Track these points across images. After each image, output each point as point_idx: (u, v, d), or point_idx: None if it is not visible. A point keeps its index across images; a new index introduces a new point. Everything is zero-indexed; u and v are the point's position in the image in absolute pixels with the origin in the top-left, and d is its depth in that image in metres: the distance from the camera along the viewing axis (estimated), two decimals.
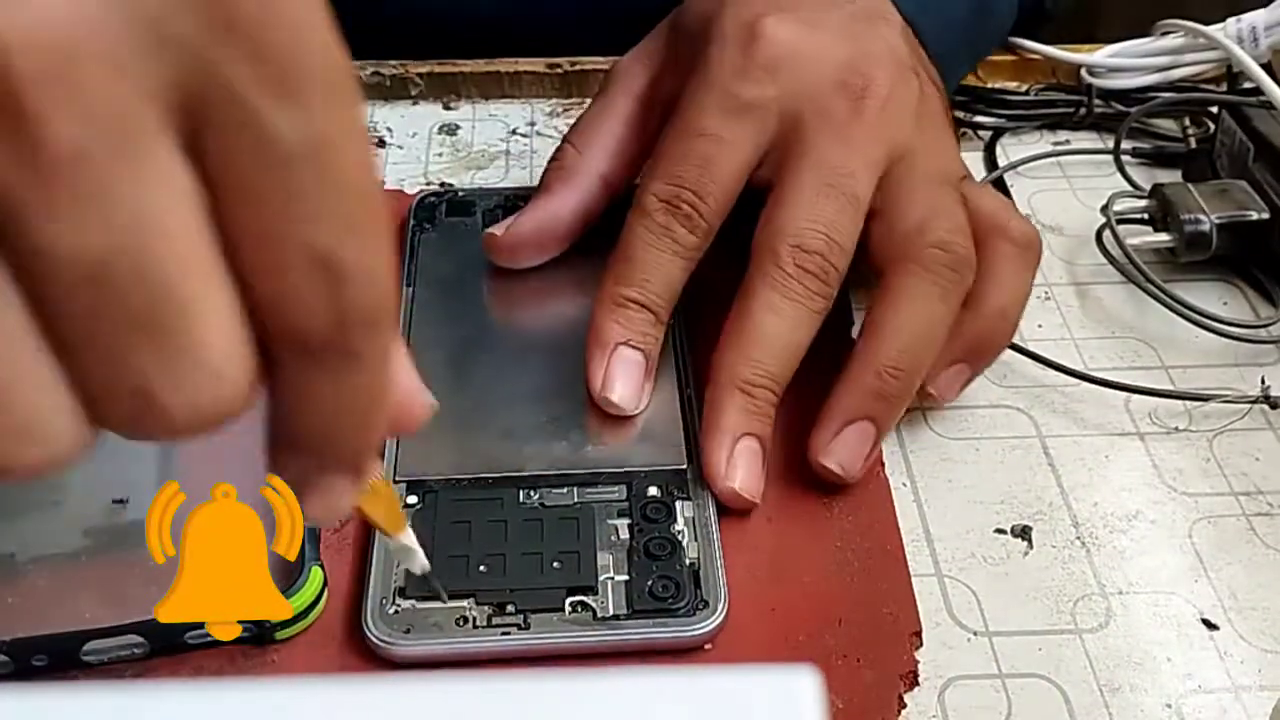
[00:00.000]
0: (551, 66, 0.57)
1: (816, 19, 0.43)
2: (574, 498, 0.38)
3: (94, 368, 0.21)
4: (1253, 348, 0.45)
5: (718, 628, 0.35)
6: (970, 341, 0.41)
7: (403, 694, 0.20)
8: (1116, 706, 0.34)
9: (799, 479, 0.40)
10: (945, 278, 0.40)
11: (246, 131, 0.20)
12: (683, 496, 0.38)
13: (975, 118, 0.56)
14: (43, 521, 0.37)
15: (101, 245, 0.20)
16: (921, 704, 0.34)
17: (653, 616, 0.35)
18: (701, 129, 0.41)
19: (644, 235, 0.41)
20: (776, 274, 0.39)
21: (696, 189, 0.40)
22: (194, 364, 0.21)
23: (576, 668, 0.34)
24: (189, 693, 0.20)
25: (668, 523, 0.37)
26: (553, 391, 0.41)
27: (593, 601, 0.35)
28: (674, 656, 0.34)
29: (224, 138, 0.20)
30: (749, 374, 0.39)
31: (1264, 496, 0.40)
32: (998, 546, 0.38)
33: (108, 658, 0.34)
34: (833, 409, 0.39)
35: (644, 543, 0.36)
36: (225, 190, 0.21)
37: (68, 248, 0.20)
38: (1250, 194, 0.47)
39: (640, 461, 0.39)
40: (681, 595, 0.35)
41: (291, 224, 0.21)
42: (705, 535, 0.37)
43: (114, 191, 0.19)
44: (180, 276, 0.21)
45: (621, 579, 0.35)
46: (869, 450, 0.39)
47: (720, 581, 0.35)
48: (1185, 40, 0.56)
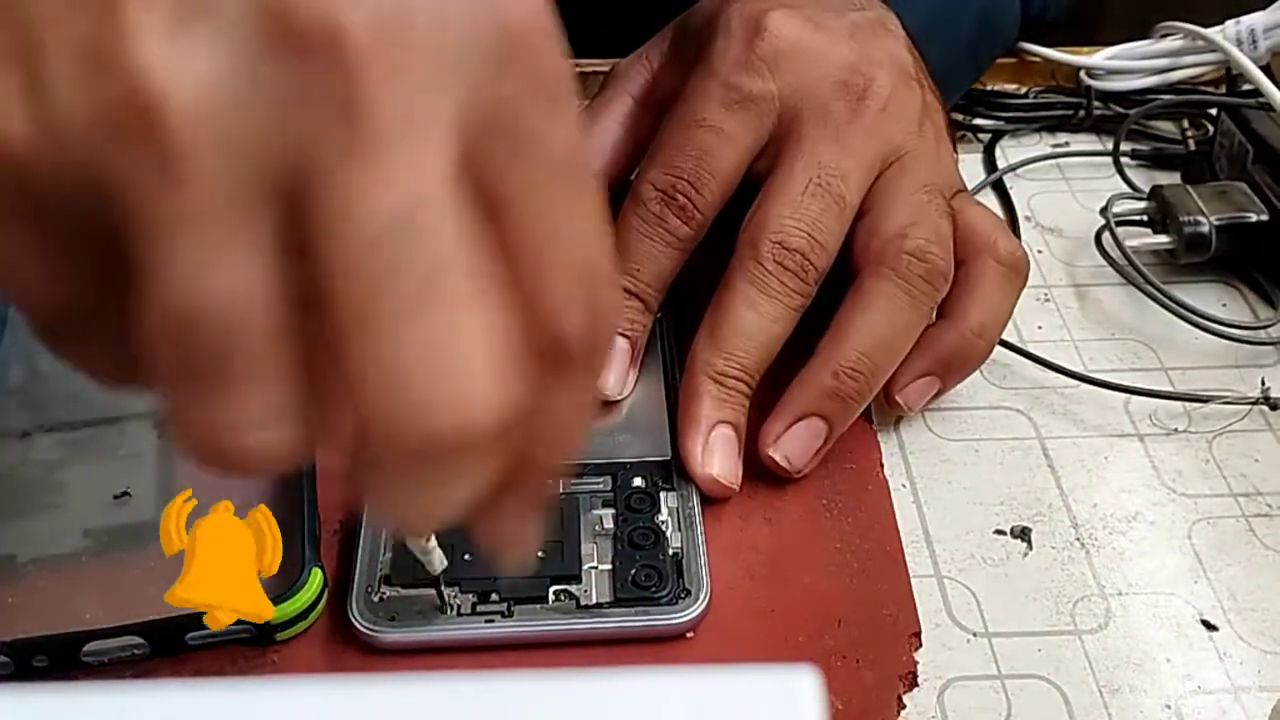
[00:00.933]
0: None
1: (822, 20, 0.44)
2: (560, 488, 0.38)
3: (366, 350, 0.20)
4: (1252, 349, 0.45)
5: (699, 616, 0.35)
6: (944, 355, 0.41)
7: (402, 694, 0.20)
8: (1116, 707, 0.34)
9: (799, 480, 0.40)
10: (917, 286, 0.40)
11: (526, 148, 0.22)
12: (667, 487, 0.38)
13: (975, 120, 0.56)
14: (43, 522, 0.37)
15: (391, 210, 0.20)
16: (921, 705, 0.34)
17: (635, 605, 0.35)
18: (701, 119, 0.41)
19: (638, 224, 0.41)
20: (756, 269, 0.39)
21: (693, 180, 0.41)
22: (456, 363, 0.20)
23: (576, 668, 0.34)
24: (189, 693, 0.20)
25: (652, 513, 0.37)
26: None
27: (576, 590, 0.35)
28: (656, 644, 0.35)
29: (506, 155, 0.22)
30: (722, 365, 0.39)
31: (1263, 498, 0.40)
32: (997, 547, 0.38)
33: (108, 658, 0.34)
34: (787, 403, 0.39)
35: (628, 532, 0.37)
36: (503, 205, 0.22)
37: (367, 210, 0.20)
38: (1249, 196, 0.47)
39: (626, 452, 0.39)
40: (664, 584, 0.35)
41: (564, 233, 0.22)
42: (689, 525, 0.37)
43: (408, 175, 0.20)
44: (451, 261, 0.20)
45: (605, 568, 0.36)
46: (819, 446, 0.39)
47: (703, 571, 0.36)
48: (1184, 42, 0.56)
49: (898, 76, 0.43)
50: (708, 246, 0.42)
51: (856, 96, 0.42)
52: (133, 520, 0.37)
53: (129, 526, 0.37)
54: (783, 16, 0.43)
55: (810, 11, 0.44)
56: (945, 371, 0.42)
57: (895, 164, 0.42)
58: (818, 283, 0.40)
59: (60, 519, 0.37)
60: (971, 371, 0.42)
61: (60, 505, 0.37)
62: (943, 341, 0.41)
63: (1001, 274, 0.42)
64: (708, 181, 0.41)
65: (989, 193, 0.53)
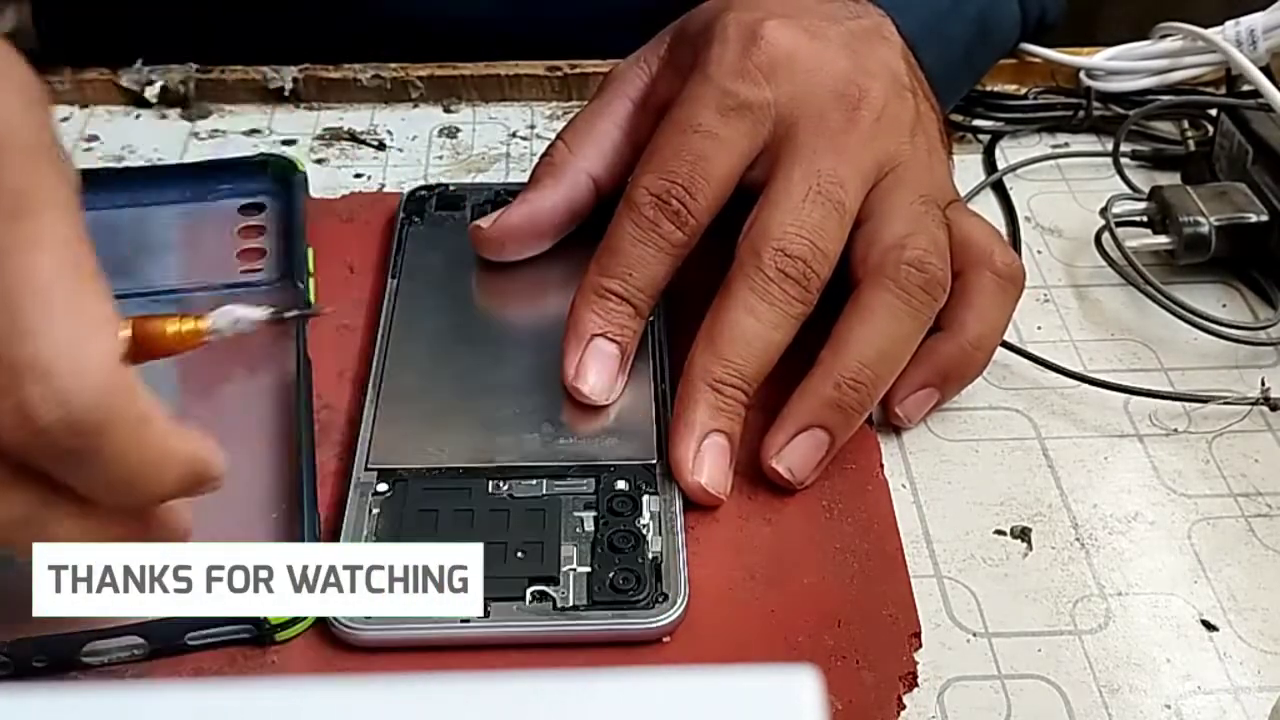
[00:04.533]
0: (551, 69, 0.57)
1: (818, 29, 0.44)
2: (543, 490, 0.38)
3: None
4: (1252, 350, 0.45)
5: (676, 621, 0.35)
6: (942, 367, 0.41)
7: (401, 695, 0.20)
8: (1116, 707, 0.34)
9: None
10: (916, 297, 0.40)
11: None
12: (650, 491, 0.38)
13: (974, 121, 0.56)
14: None
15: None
16: (921, 705, 0.34)
17: (612, 608, 0.35)
18: (697, 124, 0.41)
19: (631, 229, 0.41)
20: (757, 276, 0.39)
21: (688, 186, 0.41)
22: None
23: (574, 669, 0.34)
24: (189, 693, 0.20)
25: (633, 516, 0.37)
26: (528, 385, 0.41)
27: (553, 592, 0.35)
28: (632, 649, 0.35)
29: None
30: (721, 373, 0.39)
31: (1263, 498, 0.40)
32: (997, 548, 0.38)
33: (108, 658, 0.34)
34: (789, 415, 0.39)
35: (608, 535, 0.37)
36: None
37: None
38: (1249, 196, 0.47)
39: (610, 455, 0.39)
40: (642, 588, 0.35)
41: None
42: (669, 530, 0.37)
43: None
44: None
45: (584, 570, 0.36)
46: (821, 457, 0.39)
47: (682, 575, 0.36)
48: (1184, 43, 0.56)
49: (891, 87, 0.43)
50: (695, 257, 0.42)
51: (852, 106, 0.42)
52: None
53: None
54: (779, 25, 0.43)
55: (806, 21, 0.44)
56: (943, 383, 0.42)
57: (890, 174, 0.42)
58: (819, 291, 0.40)
59: None
60: (970, 383, 0.42)
61: None
62: (941, 353, 0.41)
63: (999, 285, 0.42)
64: (702, 187, 0.41)
65: (989, 193, 0.53)
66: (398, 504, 0.37)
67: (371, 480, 0.38)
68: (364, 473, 0.38)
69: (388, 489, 0.38)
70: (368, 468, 0.38)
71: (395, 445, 0.39)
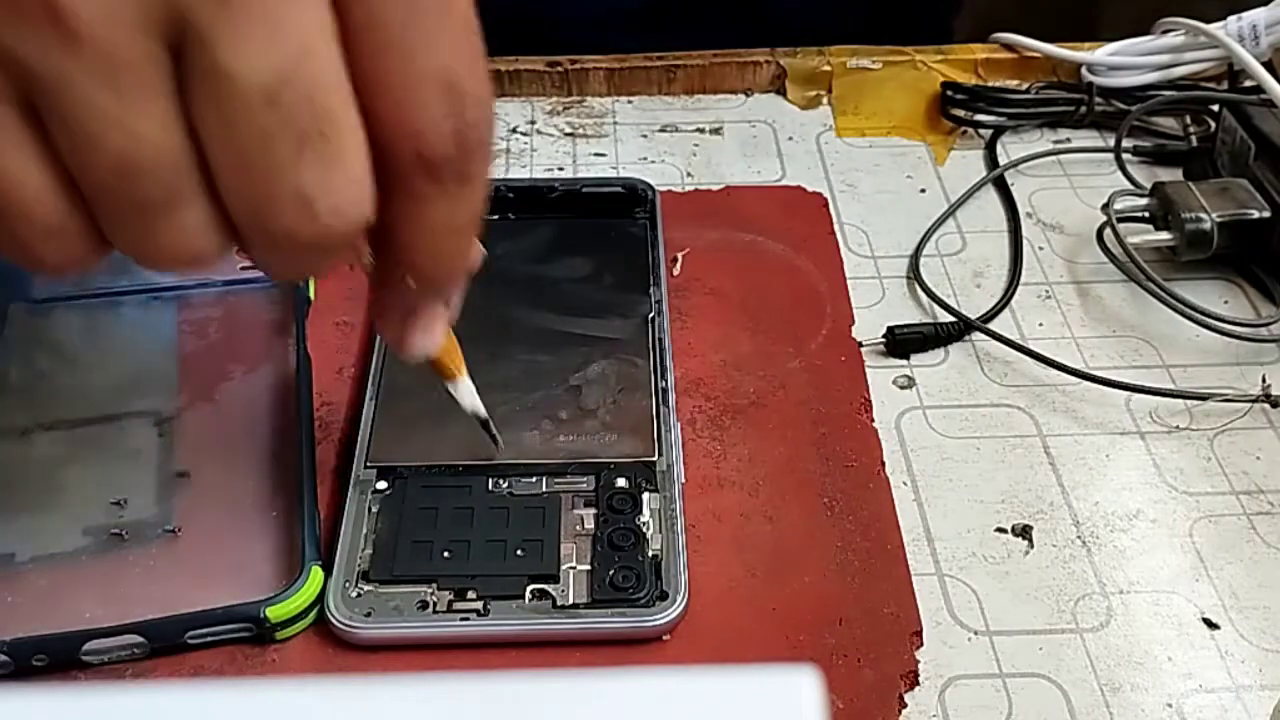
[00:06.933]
0: (551, 64, 0.57)
1: None
2: (542, 487, 0.38)
3: (258, 183, 0.25)
4: (1253, 346, 0.45)
5: (677, 619, 0.35)
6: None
7: (402, 695, 0.20)
8: (1117, 706, 0.34)
9: (799, 479, 0.40)
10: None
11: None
12: (650, 488, 0.38)
13: (976, 116, 0.56)
14: (43, 521, 0.37)
15: (276, 67, 0.23)
16: (922, 704, 0.34)
17: (612, 606, 0.35)
18: None
19: None
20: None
21: None
22: (344, 173, 0.25)
23: (578, 668, 0.34)
24: (189, 693, 0.20)
25: (633, 514, 0.37)
26: (528, 382, 0.41)
27: (553, 590, 0.35)
28: (632, 647, 0.35)
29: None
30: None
31: (1265, 495, 0.40)
32: (998, 545, 0.38)
33: (108, 658, 0.34)
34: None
35: (608, 533, 0.37)
36: (357, 20, 0.24)
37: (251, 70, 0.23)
38: (1251, 192, 0.47)
39: (611, 453, 0.39)
40: (642, 586, 0.35)
41: (418, 48, 0.24)
42: (670, 527, 0.37)
43: (285, 19, 0.23)
44: (334, 96, 0.24)
45: (584, 568, 0.36)
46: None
47: (682, 573, 0.36)
48: (1186, 38, 0.56)
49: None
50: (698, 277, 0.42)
51: None
52: (133, 519, 0.37)
53: (129, 525, 0.36)
54: None
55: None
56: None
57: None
58: None
59: (60, 517, 0.37)
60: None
61: (60, 504, 0.37)
62: None
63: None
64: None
65: (990, 189, 0.53)
66: (397, 501, 0.37)
67: (371, 477, 0.38)
68: (363, 470, 0.38)
69: (387, 486, 0.38)
70: (367, 465, 0.38)
71: (395, 442, 0.39)
